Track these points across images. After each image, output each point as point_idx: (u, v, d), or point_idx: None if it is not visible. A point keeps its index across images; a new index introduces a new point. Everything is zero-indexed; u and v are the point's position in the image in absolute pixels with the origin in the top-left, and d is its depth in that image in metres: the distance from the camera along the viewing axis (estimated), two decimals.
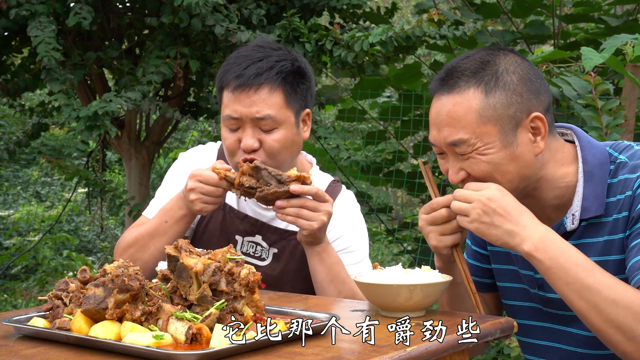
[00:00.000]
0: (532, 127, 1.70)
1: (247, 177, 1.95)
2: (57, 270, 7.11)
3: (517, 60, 1.73)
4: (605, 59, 2.73)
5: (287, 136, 2.08)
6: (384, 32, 3.92)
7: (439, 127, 1.73)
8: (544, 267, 1.62)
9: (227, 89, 2.09)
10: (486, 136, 1.68)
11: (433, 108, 1.76)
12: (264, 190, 1.92)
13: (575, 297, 1.60)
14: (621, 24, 4.22)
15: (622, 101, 2.98)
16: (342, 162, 4.47)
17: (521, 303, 1.89)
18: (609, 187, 1.72)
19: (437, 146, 1.76)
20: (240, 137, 2.07)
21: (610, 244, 1.70)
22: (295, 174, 1.93)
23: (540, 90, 1.73)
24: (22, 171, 10.22)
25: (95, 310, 1.39)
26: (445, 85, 1.73)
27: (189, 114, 4.79)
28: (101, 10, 4.26)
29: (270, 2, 4.38)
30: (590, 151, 1.75)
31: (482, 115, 1.68)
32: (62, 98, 3.70)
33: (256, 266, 2.19)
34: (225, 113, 2.10)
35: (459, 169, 1.73)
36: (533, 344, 1.89)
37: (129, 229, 2.21)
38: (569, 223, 1.74)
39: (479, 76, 1.70)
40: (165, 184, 2.29)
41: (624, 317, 1.56)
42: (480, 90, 1.69)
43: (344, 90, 5.31)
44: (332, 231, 2.19)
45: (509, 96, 1.68)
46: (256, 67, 2.06)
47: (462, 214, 1.67)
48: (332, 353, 1.31)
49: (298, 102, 2.11)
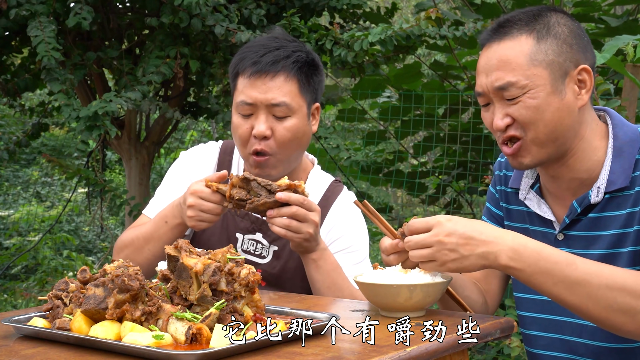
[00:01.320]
0: (579, 80, 1.72)
1: (237, 189, 1.91)
2: (57, 270, 7.10)
3: (567, 17, 1.76)
4: (606, 59, 2.73)
5: (298, 125, 2.10)
6: (383, 31, 3.92)
7: (488, 72, 1.73)
8: (525, 275, 1.60)
9: (242, 75, 2.11)
10: (537, 78, 1.69)
11: (483, 56, 1.77)
12: (254, 202, 1.89)
13: (566, 294, 1.58)
14: (621, 24, 4.22)
15: (623, 102, 2.98)
16: (342, 162, 4.47)
17: (533, 296, 1.89)
18: (637, 163, 1.73)
19: (484, 94, 1.75)
20: (253, 124, 2.09)
21: (632, 216, 1.71)
22: (286, 182, 1.91)
23: (587, 47, 1.76)
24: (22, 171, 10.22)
25: (95, 310, 1.39)
26: (497, 33, 1.75)
27: (189, 114, 4.80)
28: (101, 10, 4.26)
29: (270, 2, 4.38)
30: (622, 129, 1.77)
31: (533, 59, 1.69)
32: (62, 98, 3.70)
33: (257, 264, 2.19)
34: (239, 99, 2.11)
35: (505, 115, 1.72)
36: (539, 319, 1.88)
37: (129, 229, 2.21)
38: (594, 196, 1.74)
39: (531, 25, 1.73)
40: (166, 182, 2.29)
41: (622, 299, 1.56)
42: (532, 37, 1.71)
43: (344, 90, 5.31)
44: (333, 231, 2.19)
45: (559, 45, 1.71)
46: (273, 55, 2.09)
47: (428, 260, 1.61)
48: (332, 353, 1.31)
49: (310, 93, 2.14)
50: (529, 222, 1.90)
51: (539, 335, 1.89)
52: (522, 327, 1.95)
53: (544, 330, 1.88)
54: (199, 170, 2.26)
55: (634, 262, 1.70)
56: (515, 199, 1.94)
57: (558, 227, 1.82)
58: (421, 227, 1.61)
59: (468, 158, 4.76)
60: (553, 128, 1.70)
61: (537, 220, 1.87)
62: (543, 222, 1.86)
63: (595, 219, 1.76)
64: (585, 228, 1.78)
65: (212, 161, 2.28)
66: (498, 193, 1.99)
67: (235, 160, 2.29)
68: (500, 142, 1.77)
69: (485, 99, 1.77)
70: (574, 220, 1.79)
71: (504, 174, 1.98)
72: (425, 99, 4.78)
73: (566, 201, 1.81)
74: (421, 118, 4.91)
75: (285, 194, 1.89)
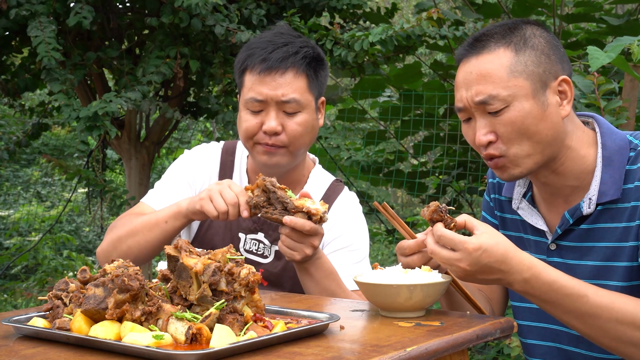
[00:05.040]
0: (559, 91, 1.72)
1: (259, 191, 1.92)
2: (57, 270, 7.11)
3: (542, 29, 1.76)
4: (611, 59, 2.72)
5: (308, 120, 2.11)
6: (384, 31, 3.92)
7: (468, 87, 1.72)
8: (538, 301, 1.64)
9: (251, 72, 2.11)
10: (518, 90, 1.67)
11: (461, 71, 1.75)
12: (268, 212, 1.90)
13: (577, 323, 1.62)
14: (622, 23, 4.22)
15: (624, 102, 2.98)
16: (343, 162, 4.47)
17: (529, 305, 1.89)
18: (628, 174, 1.72)
19: (465, 109, 1.74)
20: (263, 120, 2.09)
21: (628, 230, 1.70)
22: (305, 207, 1.87)
23: (564, 58, 1.75)
24: (22, 171, 10.23)
25: (95, 310, 1.39)
26: (474, 48, 1.73)
27: (189, 114, 4.79)
28: (101, 10, 4.26)
29: (270, 2, 4.38)
30: (610, 137, 1.76)
31: (513, 71, 1.68)
32: (62, 98, 3.70)
33: (259, 263, 2.20)
34: (248, 96, 2.11)
35: (488, 130, 1.71)
36: (537, 327, 1.89)
37: (126, 214, 2.21)
38: (585, 207, 1.74)
39: (508, 38, 1.72)
40: (167, 177, 2.28)
41: (632, 332, 1.57)
42: (510, 49, 1.70)
43: (344, 90, 5.31)
44: (333, 230, 2.19)
45: (538, 55, 1.70)
46: (282, 52, 2.09)
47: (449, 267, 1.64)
48: (332, 353, 1.31)
49: (317, 88, 2.15)
50: (523, 230, 1.89)
51: (537, 344, 1.89)
52: (520, 336, 1.95)
53: (542, 339, 1.88)
54: (201, 169, 2.27)
55: (629, 277, 1.70)
56: (509, 207, 1.93)
57: (550, 237, 1.82)
58: (447, 243, 1.59)
59: (468, 158, 4.76)
60: (538, 139, 1.68)
61: (530, 230, 1.87)
62: (536, 232, 1.85)
63: (588, 230, 1.75)
64: (578, 239, 1.77)
65: (215, 161, 2.29)
66: (492, 202, 1.99)
67: (238, 160, 2.29)
68: (485, 158, 1.75)
69: (466, 114, 1.75)
70: (567, 231, 1.78)
71: (497, 182, 1.97)
72: (425, 99, 4.78)
73: (559, 208, 1.80)
74: (421, 118, 4.91)
75: (291, 219, 1.86)
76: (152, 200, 2.24)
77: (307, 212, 1.88)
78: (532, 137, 1.68)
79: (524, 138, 1.68)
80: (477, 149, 1.75)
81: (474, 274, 1.59)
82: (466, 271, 1.59)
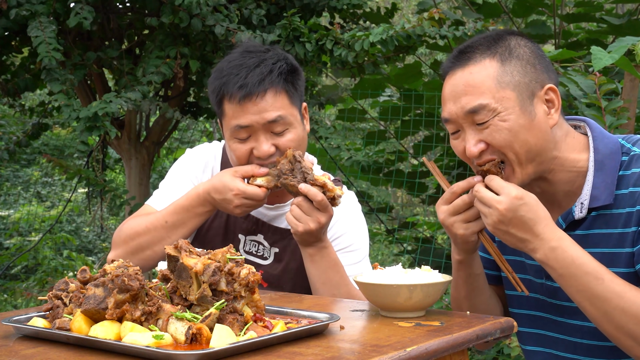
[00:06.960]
0: (547, 100, 1.72)
1: (286, 160, 2.01)
2: (57, 270, 7.11)
3: (526, 39, 1.77)
4: (615, 59, 2.71)
5: (298, 134, 2.10)
6: (384, 31, 3.92)
7: (456, 98, 1.72)
8: (556, 274, 1.65)
9: (230, 100, 2.07)
10: (506, 101, 1.68)
11: (448, 83, 1.75)
12: (288, 179, 1.99)
13: (587, 304, 1.63)
14: (623, 23, 4.21)
15: (625, 102, 2.98)
16: (343, 162, 4.46)
17: (527, 312, 1.89)
18: (621, 179, 1.72)
19: (453, 121, 1.74)
20: (253, 146, 2.07)
21: (624, 236, 1.71)
22: (322, 181, 1.98)
23: (549, 67, 1.76)
24: (22, 171, 10.22)
25: (95, 310, 1.39)
26: (460, 60, 1.74)
27: (189, 114, 4.80)
28: (101, 10, 4.26)
29: (270, 2, 4.38)
30: (602, 141, 1.76)
31: (500, 81, 1.68)
32: (62, 98, 3.70)
33: (258, 265, 2.20)
34: (232, 124, 2.07)
35: (478, 141, 1.71)
36: (535, 334, 1.89)
37: (132, 218, 2.19)
38: (577, 211, 1.74)
39: (493, 49, 1.72)
40: (171, 177, 2.28)
41: (633, 325, 1.58)
42: (496, 60, 1.71)
43: (344, 90, 5.31)
44: (333, 230, 2.19)
45: (523, 65, 1.71)
46: (257, 74, 2.06)
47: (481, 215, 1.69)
48: (332, 353, 1.31)
49: (299, 98, 2.14)
50: None
51: (537, 351, 1.90)
52: (520, 342, 1.96)
53: (540, 345, 1.89)
54: (204, 169, 2.27)
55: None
56: None
57: None
58: (495, 186, 1.66)
59: None
60: (528, 149, 1.69)
61: None
62: None
63: (583, 236, 1.75)
64: None
65: (217, 160, 2.29)
66: None
67: None
68: (476, 170, 1.75)
69: (454, 126, 1.75)
70: None
71: None
72: (425, 99, 4.77)
73: (554, 214, 1.80)
74: (421, 118, 4.91)
75: (306, 186, 1.96)
76: (157, 202, 2.22)
77: (323, 186, 1.96)
78: (522, 145, 1.69)
79: (515, 146, 1.69)
80: (468, 161, 1.76)
81: (507, 224, 1.63)
82: (501, 215, 1.62)
